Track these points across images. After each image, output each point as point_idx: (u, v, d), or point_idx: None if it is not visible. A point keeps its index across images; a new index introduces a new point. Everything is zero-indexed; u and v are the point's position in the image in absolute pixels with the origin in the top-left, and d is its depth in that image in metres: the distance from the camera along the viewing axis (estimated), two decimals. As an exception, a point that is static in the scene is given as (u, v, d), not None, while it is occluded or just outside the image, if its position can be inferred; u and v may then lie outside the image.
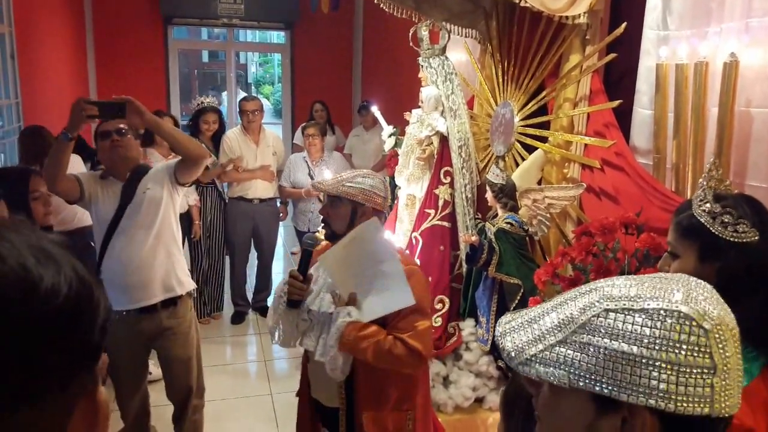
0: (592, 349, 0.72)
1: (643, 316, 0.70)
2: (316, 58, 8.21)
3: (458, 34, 3.32)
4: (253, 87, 17.49)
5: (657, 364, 0.68)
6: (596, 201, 2.51)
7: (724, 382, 0.68)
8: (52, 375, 0.49)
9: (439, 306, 2.93)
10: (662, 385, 0.68)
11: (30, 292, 0.48)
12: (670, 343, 0.68)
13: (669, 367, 0.68)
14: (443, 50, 3.05)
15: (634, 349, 0.69)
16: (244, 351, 4.60)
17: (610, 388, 0.70)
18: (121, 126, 2.63)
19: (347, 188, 2.03)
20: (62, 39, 6.30)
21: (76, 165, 3.47)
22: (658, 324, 0.69)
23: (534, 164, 2.73)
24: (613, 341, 0.70)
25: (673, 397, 0.68)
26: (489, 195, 2.75)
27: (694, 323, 0.68)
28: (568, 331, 0.74)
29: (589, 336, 0.72)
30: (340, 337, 1.88)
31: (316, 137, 4.86)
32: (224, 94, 10.81)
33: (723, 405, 0.68)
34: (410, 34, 3.17)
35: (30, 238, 0.51)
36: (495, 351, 2.78)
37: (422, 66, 3.07)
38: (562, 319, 0.76)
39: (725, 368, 0.68)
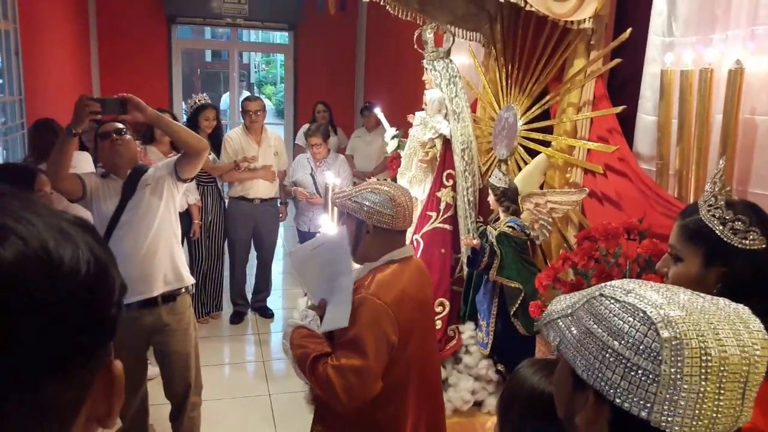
0: (579, 326, 0.78)
1: (619, 308, 0.74)
2: (319, 59, 8.22)
3: (462, 38, 3.32)
4: (255, 87, 17.50)
5: (612, 353, 0.72)
6: (598, 206, 2.51)
7: (668, 395, 0.68)
8: (76, 349, 0.52)
9: (439, 309, 2.93)
10: (609, 373, 0.72)
11: (52, 274, 0.50)
12: (627, 338, 0.72)
13: (620, 359, 0.71)
14: (448, 53, 3.05)
15: (603, 335, 0.74)
16: (243, 351, 4.60)
17: (581, 368, 0.76)
18: (120, 126, 2.70)
19: (350, 203, 1.91)
20: (66, 36, 6.31)
21: (86, 163, 3.49)
22: (625, 317, 0.73)
23: (537, 168, 2.73)
24: (594, 324, 0.76)
25: (616, 387, 0.71)
26: (491, 198, 2.75)
27: (652, 327, 0.70)
28: (577, 306, 0.81)
29: (582, 314, 0.79)
30: (288, 339, 1.87)
31: (320, 146, 4.85)
32: (226, 95, 10.82)
33: (665, 418, 0.68)
34: (415, 37, 3.17)
35: (49, 219, 0.53)
36: (494, 355, 2.78)
37: (426, 69, 3.08)
38: (581, 296, 0.83)
39: (673, 383, 0.68)
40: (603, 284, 0.81)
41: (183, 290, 2.88)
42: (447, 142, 2.99)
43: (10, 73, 4.68)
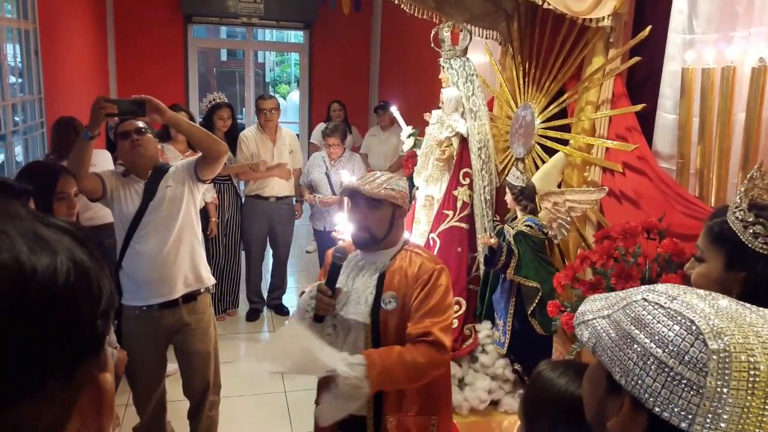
0: (618, 329, 0.76)
1: (664, 314, 0.72)
2: (334, 58, 8.23)
3: (479, 36, 3.31)
4: (270, 86, 17.55)
5: (654, 360, 0.70)
6: (617, 205, 2.49)
7: (712, 408, 0.66)
8: (54, 366, 0.48)
9: (455, 308, 2.92)
10: (650, 381, 0.70)
11: (23, 285, 0.46)
12: (671, 346, 0.69)
13: (662, 367, 0.69)
14: (464, 51, 3.05)
15: (646, 341, 0.72)
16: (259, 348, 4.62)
17: (614, 367, 0.74)
18: (141, 125, 2.66)
19: (388, 191, 1.98)
20: (84, 36, 6.37)
21: (106, 161, 3.52)
22: (670, 324, 0.71)
23: (555, 167, 2.72)
24: (633, 327, 0.74)
25: (656, 396, 0.69)
26: (509, 197, 2.74)
27: (700, 337, 0.68)
28: (616, 308, 0.79)
29: (622, 317, 0.76)
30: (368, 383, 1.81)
31: (337, 147, 4.87)
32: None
33: (705, 430, 0.66)
34: (432, 35, 3.17)
35: (26, 226, 0.50)
36: (511, 354, 2.77)
37: (443, 67, 3.07)
38: (620, 298, 0.80)
39: (718, 396, 0.66)
40: (646, 287, 0.78)
41: (203, 290, 2.89)
42: (464, 141, 2.99)
43: (30, 73, 4.74)
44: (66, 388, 0.50)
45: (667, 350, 0.69)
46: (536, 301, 2.58)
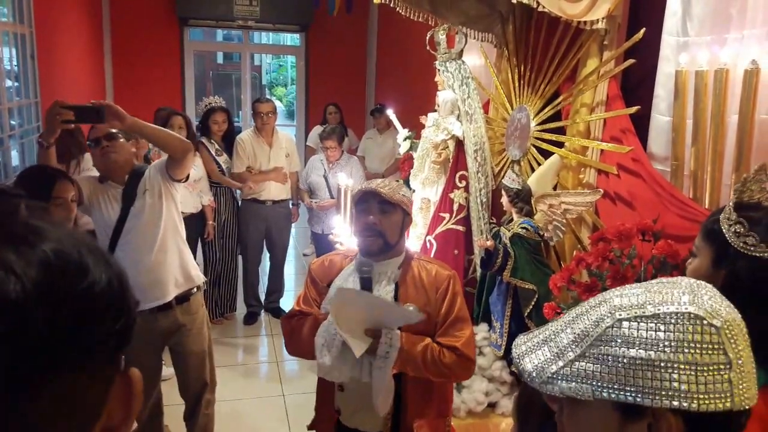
0: (611, 360, 0.73)
1: (656, 321, 0.72)
2: (330, 61, 8.24)
3: (474, 38, 3.32)
4: (266, 89, 17.56)
5: (675, 365, 0.70)
6: (612, 207, 2.50)
7: (740, 375, 0.70)
8: (104, 346, 0.54)
9: (452, 310, 2.93)
10: (683, 386, 0.69)
11: (85, 274, 0.53)
12: (685, 344, 0.70)
13: (687, 367, 0.70)
14: (460, 54, 3.05)
15: (652, 354, 0.71)
16: (257, 351, 4.62)
17: (633, 395, 0.72)
18: (112, 131, 2.58)
19: (401, 197, 1.99)
20: (80, 40, 6.37)
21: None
22: (671, 327, 0.71)
23: (550, 169, 2.73)
24: (630, 349, 0.72)
25: (695, 396, 0.69)
26: (504, 199, 2.75)
27: (705, 322, 0.70)
28: (585, 345, 0.76)
29: (606, 347, 0.74)
30: (399, 346, 1.87)
31: (335, 149, 4.89)
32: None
33: (743, 398, 0.70)
34: (427, 38, 3.18)
35: (74, 234, 0.56)
36: (508, 356, 2.78)
37: (439, 70, 3.08)
38: (578, 334, 0.77)
39: (739, 362, 0.70)
40: (603, 312, 0.76)
41: (195, 289, 2.89)
42: (460, 144, 2.99)
43: (26, 77, 4.74)
44: (107, 369, 0.56)
45: (683, 350, 0.70)
46: (533, 303, 2.58)
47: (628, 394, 0.72)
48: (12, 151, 4.64)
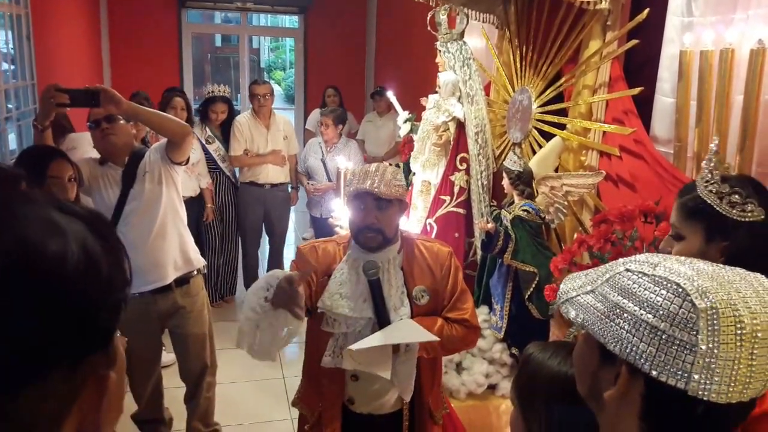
0: (606, 302, 0.78)
1: (649, 281, 0.74)
2: (329, 43, 8.17)
3: (476, 19, 3.28)
4: (265, 72, 17.45)
5: (648, 327, 0.72)
6: (614, 189, 2.49)
7: (705, 364, 0.69)
8: (57, 356, 0.47)
9: (452, 292, 2.93)
10: (644, 347, 0.72)
11: (30, 268, 0.45)
12: (661, 311, 0.72)
13: (655, 332, 0.72)
14: (461, 35, 3.02)
15: (635, 309, 0.74)
16: (256, 335, 4.62)
17: (607, 340, 0.76)
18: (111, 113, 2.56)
19: (398, 188, 1.96)
20: (77, 21, 6.30)
21: (87, 144, 3.46)
22: (657, 290, 0.73)
23: (552, 151, 2.71)
24: (621, 297, 0.76)
25: (651, 360, 0.71)
26: (506, 182, 2.73)
27: (687, 298, 0.71)
28: (599, 282, 0.81)
29: (608, 289, 0.79)
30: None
31: (328, 126, 4.86)
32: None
33: (702, 386, 0.69)
34: (428, 19, 3.14)
35: (41, 210, 0.49)
36: (508, 338, 2.78)
37: (440, 51, 3.05)
38: (601, 273, 0.83)
39: (710, 352, 0.69)
40: (625, 259, 0.81)
41: (195, 272, 2.88)
42: (461, 126, 2.97)
43: (22, 58, 4.69)
44: (67, 380, 0.49)
45: (657, 315, 0.72)
46: (533, 285, 2.58)
47: (610, 338, 0.76)
48: (10, 134, 4.60)
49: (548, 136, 2.78)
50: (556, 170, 2.74)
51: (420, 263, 2.02)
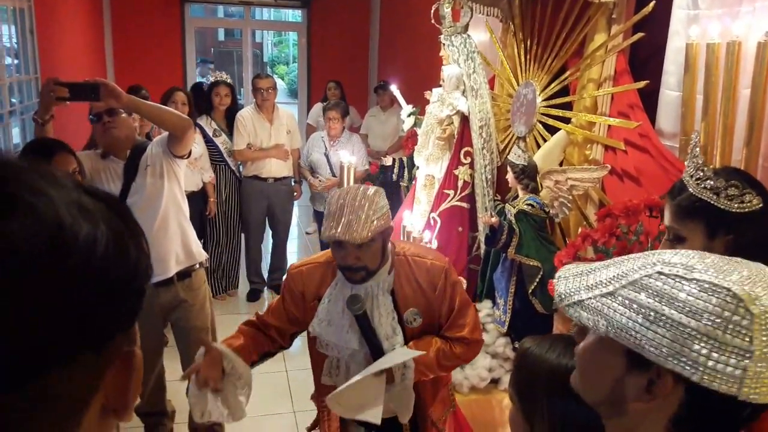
0: (635, 306, 0.73)
1: (694, 287, 0.71)
2: (332, 37, 8.15)
3: (480, 13, 3.27)
4: (268, 66, 17.42)
5: (695, 334, 0.69)
6: (619, 183, 2.48)
7: (758, 369, 0.68)
8: (88, 336, 0.48)
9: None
10: (695, 356, 0.69)
11: (63, 251, 0.46)
12: (714, 318, 0.69)
13: (707, 340, 0.69)
14: (465, 28, 3.01)
15: (679, 316, 0.70)
16: (259, 329, 4.63)
17: (645, 348, 0.72)
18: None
19: (377, 225, 1.76)
20: (80, 15, 6.29)
21: None
22: (706, 297, 0.70)
23: (557, 145, 2.70)
24: (658, 303, 0.72)
25: (702, 369, 0.69)
26: (510, 176, 2.73)
27: (741, 304, 0.68)
28: (618, 284, 0.76)
29: (637, 293, 0.74)
30: (413, 365, 1.86)
31: (336, 120, 4.85)
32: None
33: (752, 390, 0.68)
34: (432, 12, 3.13)
35: (70, 193, 0.49)
36: (512, 332, 2.78)
37: (444, 44, 3.03)
38: (617, 274, 0.78)
39: (763, 356, 0.68)
40: (652, 260, 0.76)
41: (197, 266, 2.88)
42: (465, 119, 2.96)
43: (25, 53, 4.69)
44: (97, 360, 0.50)
45: (709, 322, 0.69)
46: (537, 279, 2.57)
47: (641, 345, 0.72)
48: (13, 128, 4.60)
49: (553, 130, 2.77)
50: (561, 164, 2.73)
51: (412, 283, 1.91)
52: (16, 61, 4.69)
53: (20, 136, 4.70)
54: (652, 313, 0.72)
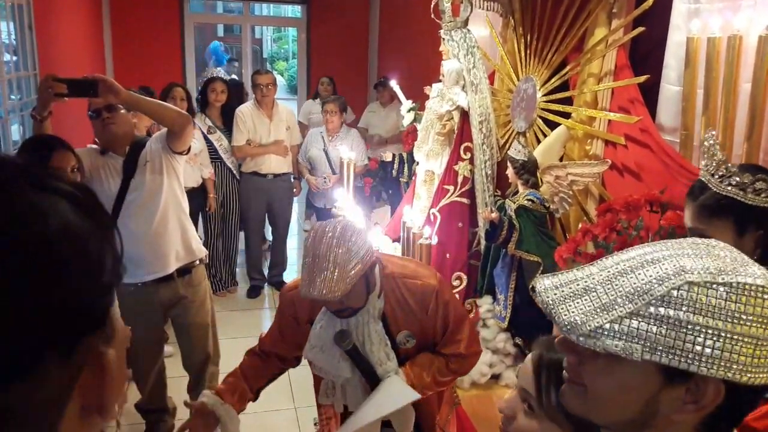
0: (671, 322, 0.70)
1: (727, 290, 0.69)
2: (332, 33, 8.13)
3: (480, 7, 3.25)
4: (267, 62, 17.39)
5: (739, 338, 0.68)
6: (619, 178, 2.48)
7: None
8: (48, 342, 0.45)
9: (456, 283, 2.92)
10: (742, 359, 0.68)
11: (13, 256, 0.43)
12: (753, 318, 0.68)
13: (750, 341, 0.68)
14: (465, 23, 3.00)
15: (719, 323, 0.68)
16: (260, 324, 4.63)
17: (688, 361, 0.69)
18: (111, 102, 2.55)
19: (352, 276, 1.62)
20: (79, 11, 6.27)
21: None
22: (743, 298, 0.69)
23: (557, 140, 2.69)
24: (695, 315, 0.69)
25: (749, 369, 0.68)
26: (510, 171, 2.72)
27: None
28: (640, 302, 0.72)
29: (668, 309, 0.70)
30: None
31: (334, 114, 4.84)
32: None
33: None
34: (432, 6, 3.12)
35: (18, 193, 0.46)
36: (512, 328, 2.77)
37: (444, 39, 3.02)
38: (631, 291, 0.73)
39: None
40: (665, 272, 0.72)
41: (197, 262, 2.88)
42: (465, 115, 2.95)
43: (24, 49, 4.67)
44: (65, 366, 0.47)
45: (750, 323, 0.68)
46: (537, 275, 2.57)
47: (683, 359, 0.69)
48: (13, 125, 4.59)
49: (553, 125, 2.77)
50: (561, 159, 2.73)
51: (403, 306, 1.87)
52: (14, 58, 4.68)
53: (19, 132, 4.69)
54: (693, 327, 0.69)
